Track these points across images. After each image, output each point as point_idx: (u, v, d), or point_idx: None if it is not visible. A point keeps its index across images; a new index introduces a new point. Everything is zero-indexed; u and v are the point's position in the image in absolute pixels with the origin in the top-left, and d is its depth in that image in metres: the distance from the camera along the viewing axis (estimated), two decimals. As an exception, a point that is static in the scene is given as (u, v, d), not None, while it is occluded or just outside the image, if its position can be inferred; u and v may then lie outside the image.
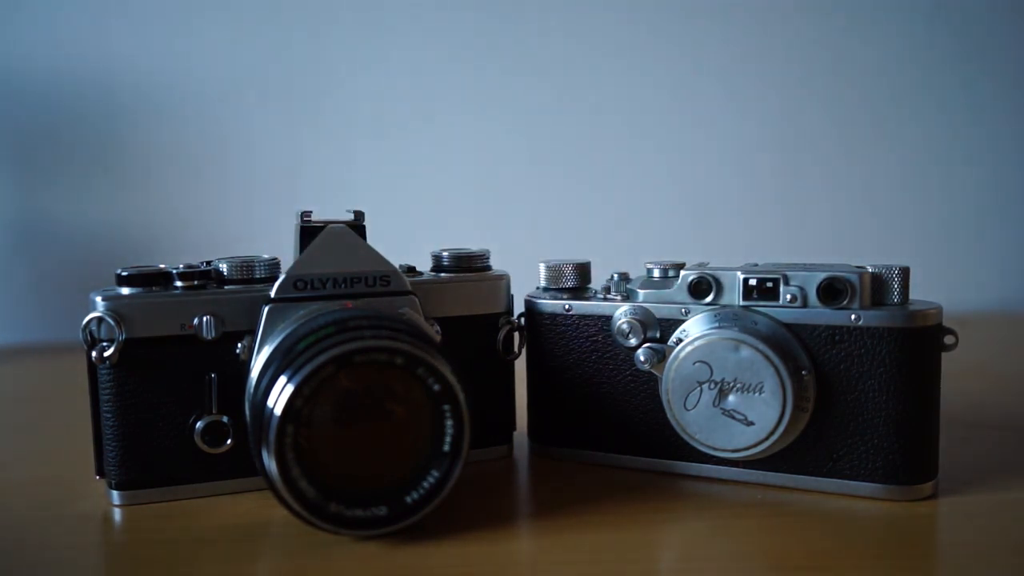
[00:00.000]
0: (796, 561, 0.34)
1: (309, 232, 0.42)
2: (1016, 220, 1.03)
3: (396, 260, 0.43)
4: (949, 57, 1.01)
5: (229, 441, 0.41)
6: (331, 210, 0.44)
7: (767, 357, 0.39)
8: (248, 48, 0.97)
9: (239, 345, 0.41)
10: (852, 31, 1.01)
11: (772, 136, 1.01)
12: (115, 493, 0.41)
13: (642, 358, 0.42)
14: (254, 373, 0.39)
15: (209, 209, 0.97)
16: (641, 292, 0.44)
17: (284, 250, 0.45)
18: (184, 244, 0.95)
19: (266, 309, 0.40)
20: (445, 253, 0.47)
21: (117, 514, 0.41)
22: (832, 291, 0.40)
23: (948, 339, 0.40)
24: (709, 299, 0.42)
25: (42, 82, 0.95)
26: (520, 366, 0.48)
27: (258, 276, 0.42)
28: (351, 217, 0.43)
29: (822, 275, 0.40)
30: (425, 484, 0.36)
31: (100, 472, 0.42)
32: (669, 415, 0.42)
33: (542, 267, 0.47)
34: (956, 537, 0.37)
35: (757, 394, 0.40)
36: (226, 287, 0.42)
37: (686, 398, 0.41)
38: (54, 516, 0.41)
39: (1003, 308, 1.01)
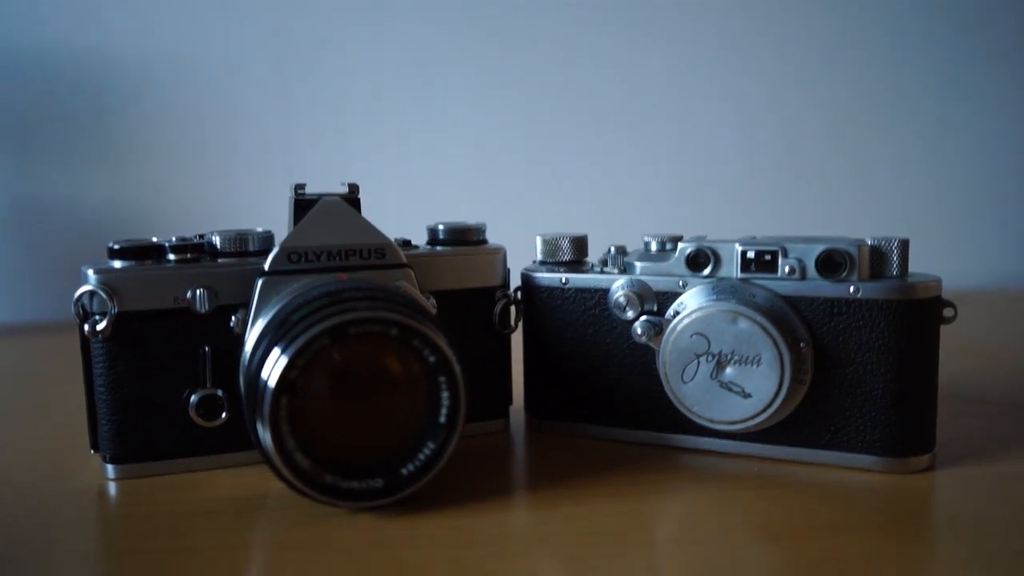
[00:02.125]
0: (793, 532, 0.34)
1: (303, 205, 0.42)
2: (1016, 197, 1.03)
3: (392, 233, 0.43)
4: (947, 31, 1.01)
5: (224, 414, 0.41)
6: (326, 183, 0.44)
7: (765, 329, 0.39)
8: (243, 23, 0.96)
9: (233, 318, 0.40)
10: (851, 6, 1.00)
11: (770, 111, 1.01)
12: (110, 467, 0.41)
13: (639, 331, 0.42)
14: (248, 346, 0.38)
15: (203, 184, 0.97)
16: (638, 265, 0.43)
17: (278, 224, 0.44)
18: (178, 219, 0.94)
19: (260, 282, 0.40)
20: (441, 226, 0.46)
21: (112, 488, 0.41)
22: (831, 263, 0.39)
23: (947, 311, 0.40)
24: (707, 271, 0.42)
25: (35, 60, 0.94)
26: (517, 340, 0.47)
27: (252, 249, 0.42)
28: (346, 190, 0.43)
29: (821, 247, 0.40)
30: (421, 456, 0.36)
31: (94, 446, 0.42)
32: (666, 388, 0.42)
33: (539, 240, 0.47)
34: (952, 509, 0.37)
35: (755, 366, 0.40)
36: (219, 260, 0.42)
37: (683, 370, 0.41)
38: (50, 491, 0.40)
39: (1002, 284, 1.01)
